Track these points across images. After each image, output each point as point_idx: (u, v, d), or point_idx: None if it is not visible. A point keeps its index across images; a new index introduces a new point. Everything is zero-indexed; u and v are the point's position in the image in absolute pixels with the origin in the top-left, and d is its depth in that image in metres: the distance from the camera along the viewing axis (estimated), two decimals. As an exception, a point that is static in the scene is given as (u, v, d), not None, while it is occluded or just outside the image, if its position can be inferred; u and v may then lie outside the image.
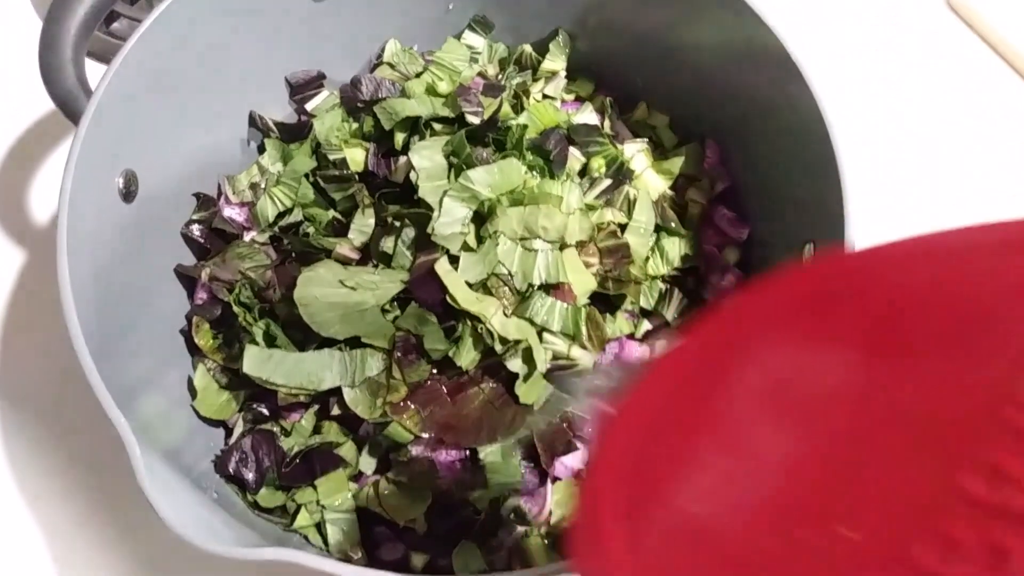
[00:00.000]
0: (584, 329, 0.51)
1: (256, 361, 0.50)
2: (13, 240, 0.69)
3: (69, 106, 0.48)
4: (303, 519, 0.50)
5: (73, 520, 0.59)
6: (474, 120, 0.56)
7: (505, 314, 0.51)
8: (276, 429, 0.52)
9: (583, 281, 0.53)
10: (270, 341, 0.52)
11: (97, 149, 0.46)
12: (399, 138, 0.57)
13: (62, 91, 0.48)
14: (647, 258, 0.55)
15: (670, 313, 0.56)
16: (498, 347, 0.50)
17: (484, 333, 0.50)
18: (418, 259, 0.51)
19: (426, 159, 0.53)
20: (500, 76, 0.64)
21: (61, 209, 0.43)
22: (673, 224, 0.56)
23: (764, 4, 0.51)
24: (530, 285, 0.50)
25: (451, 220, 0.50)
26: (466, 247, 0.51)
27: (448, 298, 0.50)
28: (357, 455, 0.51)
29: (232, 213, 0.59)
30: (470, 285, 0.50)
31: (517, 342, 0.50)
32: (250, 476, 0.50)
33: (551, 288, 0.52)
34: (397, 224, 0.53)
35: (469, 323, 0.50)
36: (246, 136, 0.62)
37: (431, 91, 0.60)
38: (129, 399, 0.43)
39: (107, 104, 0.46)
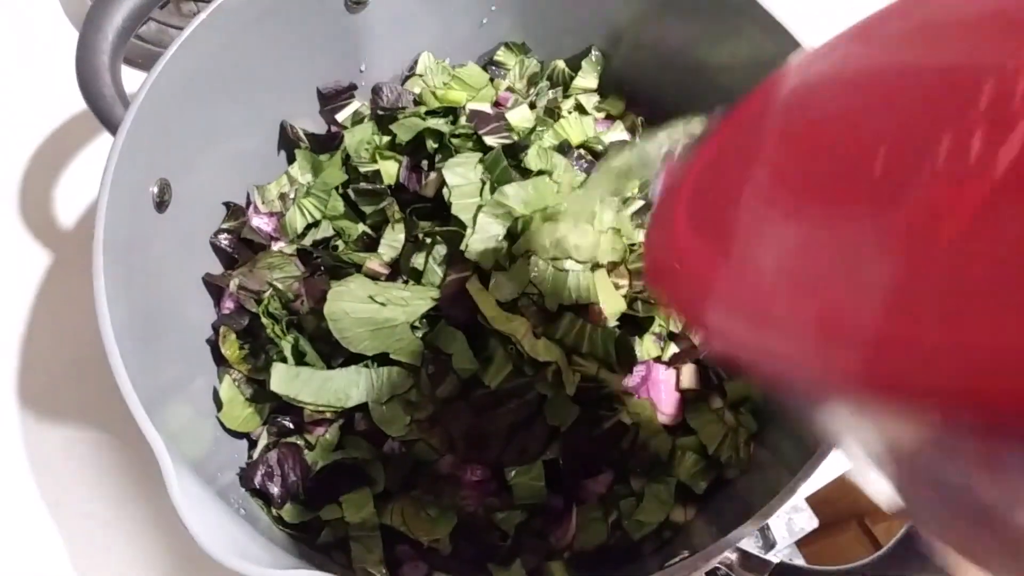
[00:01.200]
0: (613, 352, 0.50)
1: (284, 379, 0.49)
2: (40, 241, 0.69)
3: (106, 113, 0.48)
4: (327, 535, 0.49)
5: (94, 528, 0.58)
6: (493, 142, 0.56)
7: (535, 335, 0.51)
8: (301, 442, 0.52)
9: (613, 302, 0.52)
10: (299, 357, 0.52)
11: (134, 158, 0.46)
12: (430, 145, 0.56)
13: (99, 98, 0.48)
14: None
15: (697, 336, 0.56)
16: (527, 369, 0.50)
17: (514, 353, 0.50)
18: (449, 276, 0.51)
19: (459, 176, 0.53)
20: (531, 91, 0.64)
21: (99, 218, 0.43)
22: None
23: (794, 21, 0.51)
24: (561, 306, 0.50)
25: (485, 237, 0.50)
26: (498, 266, 0.50)
27: (480, 317, 0.49)
28: (383, 472, 0.50)
29: (260, 223, 0.59)
30: (501, 304, 0.50)
31: (547, 364, 0.50)
32: (275, 491, 0.50)
33: (581, 309, 0.52)
34: (428, 240, 0.53)
35: (499, 342, 0.50)
36: (276, 146, 0.61)
37: (446, 100, 0.60)
38: (156, 408, 0.43)
39: (145, 113, 0.46)
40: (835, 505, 1.10)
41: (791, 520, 0.88)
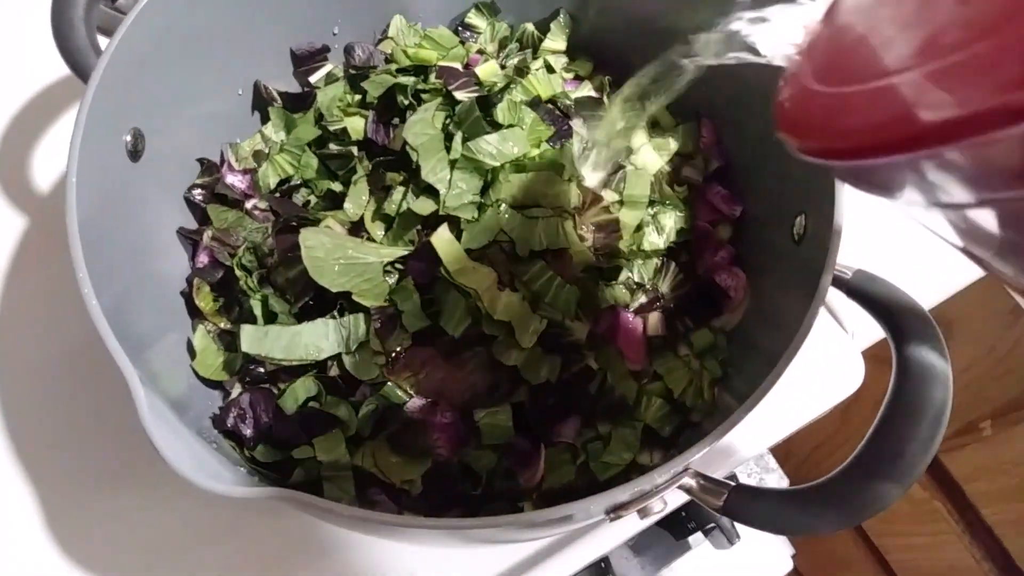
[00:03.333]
0: (573, 307, 0.52)
1: (253, 339, 0.50)
2: (16, 206, 0.69)
3: (80, 64, 0.49)
4: (299, 475, 0.50)
5: (68, 471, 0.59)
6: (462, 96, 0.58)
7: (500, 284, 0.52)
8: (274, 390, 0.53)
9: (580, 252, 0.54)
10: (269, 317, 0.53)
11: (107, 106, 0.46)
12: (401, 101, 0.58)
13: (73, 48, 0.49)
14: (641, 231, 0.57)
15: (664, 286, 0.57)
16: (487, 325, 0.51)
17: (473, 308, 0.51)
18: (423, 237, 0.52)
19: (420, 135, 0.54)
20: (500, 54, 0.65)
21: (70, 164, 0.44)
22: (670, 199, 0.57)
23: None
24: (532, 252, 0.51)
25: (460, 192, 0.52)
26: (469, 219, 0.52)
27: (442, 270, 0.50)
28: (354, 416, 0.51)
29: (234, 180, 0.60)
30: (470, 253, 0.51)
31: (507, 323, 0.51)
32: (248, 432, 0.51)
33: (550, 256, 0.53)
34: (401, 188, 0.54)
35: (460, 295, 0.51)
36: (251, 105, 0.62)
37: (417, 59, 0.62)
38: (132, 354, 0.43)
39: (117, 62, 0.47)
40: (802, 470, 1.12)
41: (762, 480, 0.90)
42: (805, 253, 0.49)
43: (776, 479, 0.85)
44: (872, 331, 0.68)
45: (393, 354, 0.51)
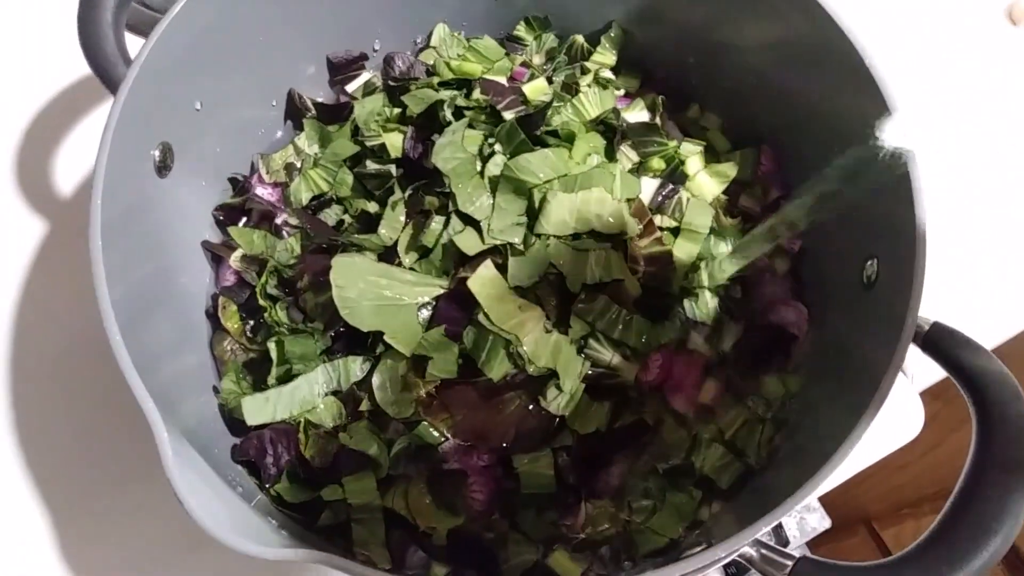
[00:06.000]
0: (643, 338, 0.49)
1: (255, 409, 0.48)
2: (38, 210, 0.67)
3: (108, 73, 0.46)
4: (328, 518, 0.47)
5: (84, 501, 0.57)
6: (507, 114, 0.54)
7: (546, 328, 0.48)
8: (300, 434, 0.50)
9: (632, 285, 0.50)
10: (283, 360, 0.50)
11: (135, 120, 0.43)
12: (443, 117, 0.54)
13: (101, 57, 0.46)
14: (698, 266, 0.53)
15: (726, 343, 0.53)
16: (531, 369, 0.48)
17: (515, 354, 0.48)
18: (460, 273, 0.49)
19: (450, 160, 0.51)
20: (547, 66, 0.62)
21: (96, 185, 0.41)
22: (728, 230, 0.54)
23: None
24: (584, 285, 0.48)
25: (504, 212, 0.48)
26: (514, 250, 0.48)
27: (481, 316, 0.47)
28: (386, 454, 0.48)
29: (264, 192, 0.57)
30: (518, 290, 0.48)
31: (550, 371, 0.48)
32: (271, 470, 0.48)
33: (602, 289, 0.50)
34: (438, 215, 0.50)
35: (501, 343, 0.48)
36: (283, 115, 0.59)
37: (461, 72, 0.58)
38: (151, 376, 0.41)
39: (147, 73, 0.44)
40: (843, 508, 1.08)
41: (803, 520, 0.86)
42: (877, 299, 0.46)
43: (818, 519, 0.81)
44: (931, 372, 0.65)
45: (428, 392, 0.48)
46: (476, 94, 0.56)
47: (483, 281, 0.46)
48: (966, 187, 0.71)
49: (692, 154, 0.56)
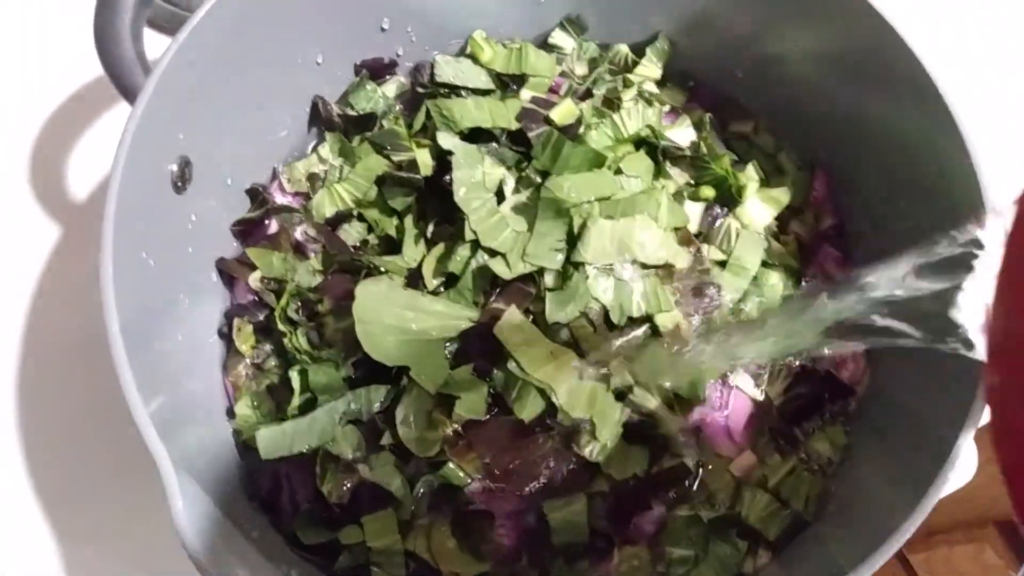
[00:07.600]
0: (693, 387, 0.45)
1: (272, 443, 0.45)
2: (51, 215, 0.64)
3: (124, 80, 0.43)
4: (346, 560, 0.45)
5: (84, 501, 0.55)
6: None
7: (580, 375, 0.45)
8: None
9: (673, 318, 0.47)
10: (306, 389, 0.47)
11: (152, 132, 0.41)
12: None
13: (118, 63, 0.43)
14: (741, 300, 0.49)
15: (775, 389, 0.49)
16: (566, 419, 0.45)
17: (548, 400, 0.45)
18: (491, 302, 0.46)
19: (471, 199, 0.47)
20: (588, 77, 0.58)
21: (108, 204, 0.38)
22: (780, 258, 0.50)
23: (888, 5, 0.44)
24: (630, 319, 0.45)
25: (542, 236, 0.45)
26: (553, 286, 0.45)
27: (512, 364, 0.44)
28: (408, 492, 0.45)
29: (284, 202, 0.54)
30: (559, 327, 0.45)
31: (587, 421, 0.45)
32: (284, 505, 0.45)
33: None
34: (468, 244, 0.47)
35: (535, 388, 0.44)
36: (307, 124, 0.56)
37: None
38: (154, 398, 0.38)
39: (167, 81, 0.41)
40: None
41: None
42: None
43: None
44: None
45: (455, 430, 0.45)
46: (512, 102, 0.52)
47: (510, 327, 0.43)
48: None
49: (751, 180, 0.52)
